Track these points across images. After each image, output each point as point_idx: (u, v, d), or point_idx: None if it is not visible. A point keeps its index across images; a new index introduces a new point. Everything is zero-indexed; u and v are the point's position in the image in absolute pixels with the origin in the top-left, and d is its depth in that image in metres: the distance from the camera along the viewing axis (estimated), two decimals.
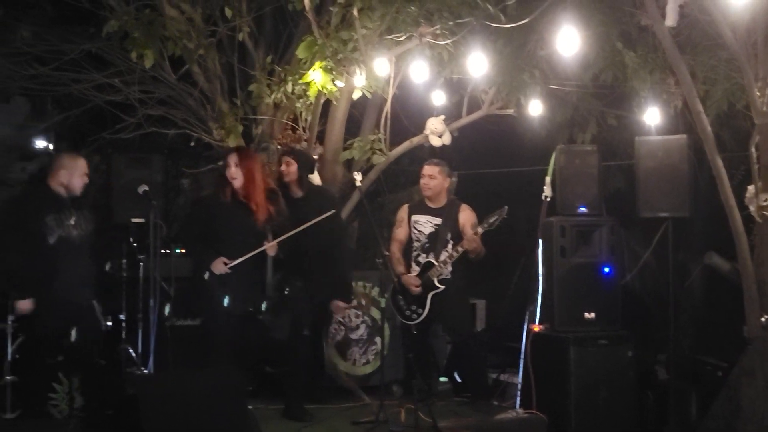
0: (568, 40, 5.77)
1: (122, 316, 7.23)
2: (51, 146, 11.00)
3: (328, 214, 6.41)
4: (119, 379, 6.11)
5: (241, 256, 6.04)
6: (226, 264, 6.04)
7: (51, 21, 7.91)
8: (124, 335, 7.15)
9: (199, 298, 6.29)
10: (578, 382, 6.47)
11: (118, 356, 6.98)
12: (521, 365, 6.87)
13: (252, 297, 6.19)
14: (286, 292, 6.32)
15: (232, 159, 6.20)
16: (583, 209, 6.88)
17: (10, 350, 6.42)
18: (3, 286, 5.98)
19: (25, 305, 5.79)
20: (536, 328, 6.87)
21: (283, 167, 6.76)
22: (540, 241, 6.95)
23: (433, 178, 7.04)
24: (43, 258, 5.75)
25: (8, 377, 6.34)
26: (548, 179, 7.03)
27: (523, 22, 6.07)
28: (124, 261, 7.24)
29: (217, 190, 6.28)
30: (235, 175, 6.16)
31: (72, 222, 5.81)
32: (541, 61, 6.97)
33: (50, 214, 5.76)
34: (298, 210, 6.51)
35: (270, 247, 6.13)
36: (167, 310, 6.42)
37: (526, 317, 6.97)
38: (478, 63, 6.34)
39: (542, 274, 6.91)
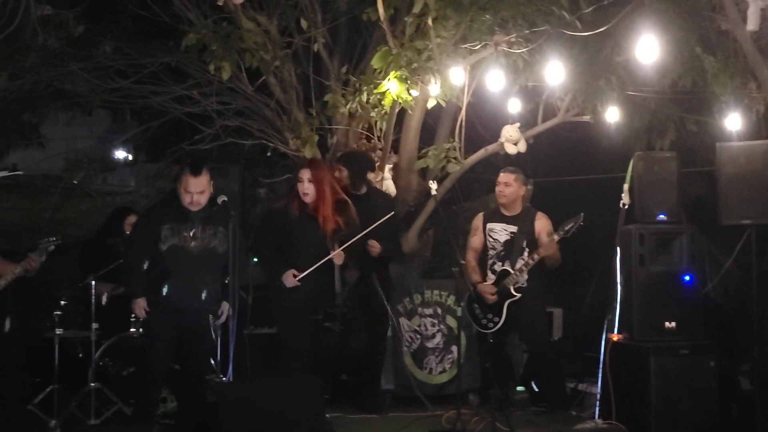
0: (648, 48, 5.69)
1: None
2: (131, 157, 11.26)
3: (387, 217, 6.51)
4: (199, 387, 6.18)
5: (310, 267, 6.15)
6: (295, 276, 6.17)
7: (132, 36, 8.08)
8: None
9: (272, 307, 6.38)
10: (659, 393, 6.36)
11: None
12: (600, 375, 6.78)
13: (321, 305, 6.29)
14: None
15: (305, 174, 6.33)
16: (662, 217, 6.76)
17: (94, 357, 6.60)
18: (126, 287, 6.20)
19: (138, 304, 5.88)
20: (615, 337, 6.77)
21: (337, 173, 6.88)
22: (618, 249, 6.85)
23: (509, 186, 7.00)
24: (154, 264, 5.89)
25: (92, 384, 6.51)
26: (626, 186, 6.92)
27: (600, 30, 6.01)
28: None
29: (287, 202, 6.39)
30: (308, 190, 6.30)
31: (191, 234, 5.86)
32: (617, 67, 6.89)
33: (168, 222, 5.87)
34: (360, 207, 6.63)
35: (336, 255, 6.22)
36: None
37: (605, 326, 6.87)
38: (554, 71, 6.29)
39: (620, 283, 6.80)
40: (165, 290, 5.83)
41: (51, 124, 9.35)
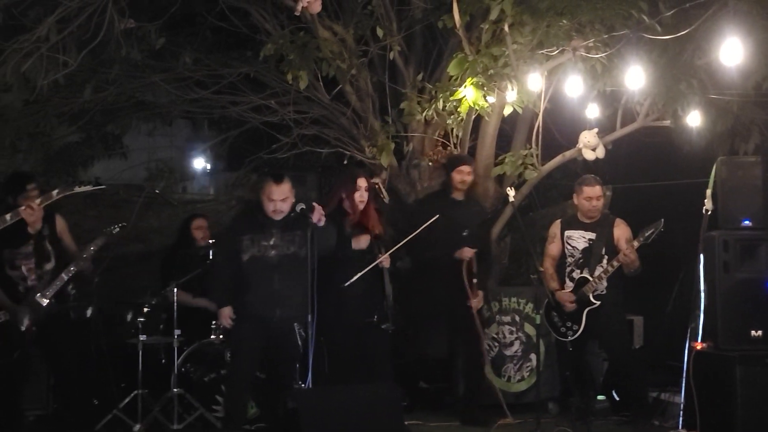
0: (732, 51, 5.57)
1: None
2: (209, 166, 11.46)
3: (434, 219, 6.52)
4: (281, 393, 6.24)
5: (360, 271, 6.24)
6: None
7: (211, 47, 8.22)
8: None
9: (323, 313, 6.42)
10: (745, 403, 6.18)
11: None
12: (683, 384, 6.64)
13: (371, 308, 6.35)
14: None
15: (363, 183, 6.45)
16: (747, 222, 6.60)
17: (176, 363, 6.71)
18: (212, 298, 6.44)
19: (222, 313, 6.06)
20: (698, 345, 6.62)
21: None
22: (701, 255, 6.71)
23: (600, 199, 6.95)
24: (237, 274, 6.04)
25: (175, 389, 6.63)
26: (709, 192, 6.78)
27: (681, 33, 5.90)
28: None
29: (337, 207, 6.46)
30: (364, 198, 6.43)
31: (270, 243, 6.02)
32: (699, 70, 6.74)
33: (247, 233, 6.06)
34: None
35: (384, 259, 6.33)
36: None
37: (688, 335, 6.73)
38: (634, 76, 6.20)
39: (704, 290, 6.65)
40: (248, 299, 5.99)
41: (133, 135, 9.55)
